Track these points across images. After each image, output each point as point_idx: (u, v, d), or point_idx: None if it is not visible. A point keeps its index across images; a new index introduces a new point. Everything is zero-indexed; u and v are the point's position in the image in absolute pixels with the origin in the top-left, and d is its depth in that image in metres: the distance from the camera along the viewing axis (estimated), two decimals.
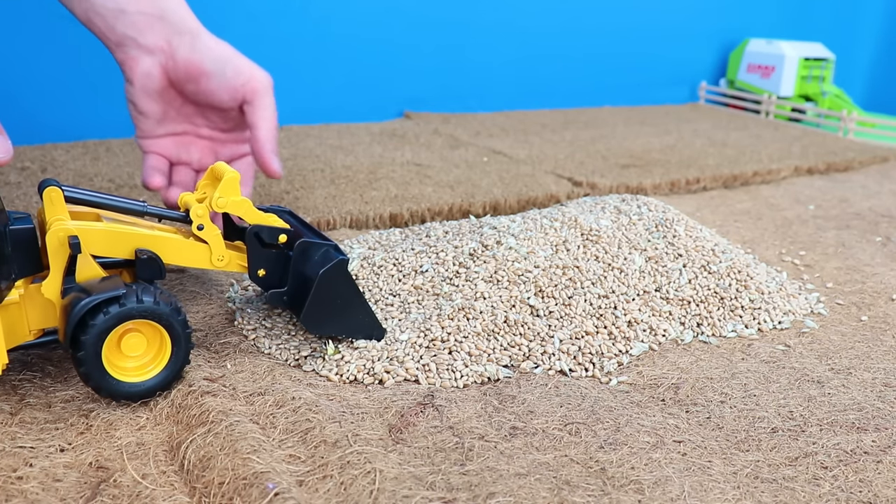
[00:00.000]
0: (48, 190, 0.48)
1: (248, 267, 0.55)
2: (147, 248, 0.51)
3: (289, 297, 0.55)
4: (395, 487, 0.42)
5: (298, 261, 0.55)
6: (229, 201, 0.53)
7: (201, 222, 0.53)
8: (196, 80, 0.62)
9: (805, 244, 0.85)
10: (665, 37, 1.71)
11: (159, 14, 0.62)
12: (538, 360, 0.57)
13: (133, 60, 0.62)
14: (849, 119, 1.45)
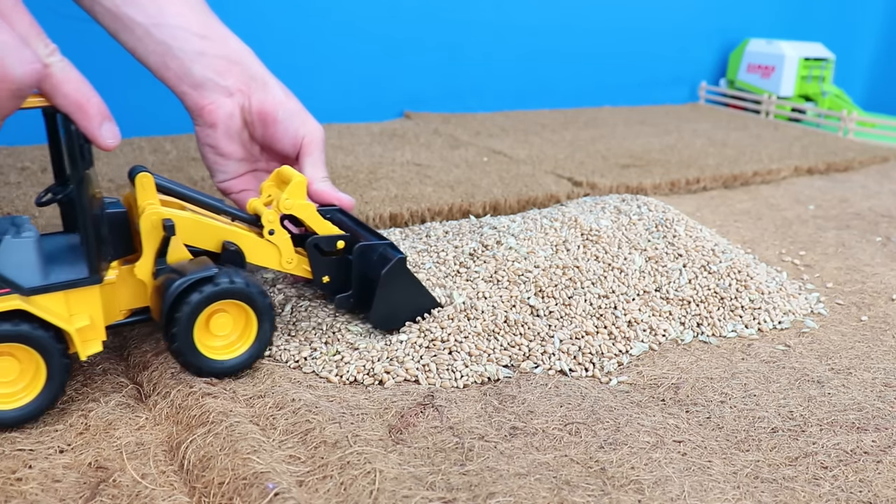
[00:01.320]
0: (140, 175, 0.50)
1: (313, 275, 0.57)
2: (232, 241, 0.54)
3: (355, 299, 0.58)
4: (395, 487, 0.42)
5: (359, 264, 0.57)
6: (295, 204, 0.56)
7: (272, 227, 0.56)
8: (266, 125, 0.65)
9: (805, 244, 0.85)
10: (665, 37, 1.71)
11: (236, 59, 0.65)
12: (538, 360, 0.57)
13: (214, 104, 0.65)
14: (849, 119, 1.45)
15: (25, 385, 0.46)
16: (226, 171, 0.67)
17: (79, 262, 0.48)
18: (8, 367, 0.45)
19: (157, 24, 0.63)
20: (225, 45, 0.65)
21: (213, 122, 0.65)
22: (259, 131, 0.66)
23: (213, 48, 0.64)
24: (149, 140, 1.13)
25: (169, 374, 0.52)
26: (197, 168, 1.00)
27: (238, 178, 0.68)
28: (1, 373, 0.45)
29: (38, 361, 0.46)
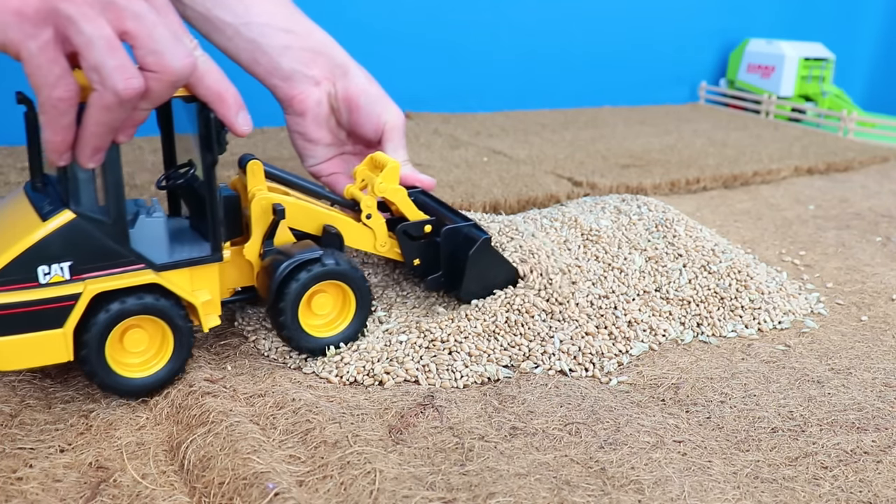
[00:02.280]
0: (251, 163, 0.54)
1: (404, 259, 0.61)
2: (332, 225, 0.57)
3: (445, 279, 0.61)
4: (395, 487, 0.42)
5: (447, 246, 0.60)
6: (389, 188, 0.59)
7: (370, 212, 0.59)
8: (351, 111, 0.69)
9: (805, 244, 0.85)
10: (665, 37, 1.71)
11: (320, 50, 0.69)
12: (538, 360, 0.57)
13: (303, 94, 0.69)
14: (849, 119, 1.45)
15: (153, 355, 0.50)
16: (315, 155, 0.71)
17: (197, 241, 0.52)
18: (138, 338, 0.49)
19: (245, 23, 0.67)
20: (309, 38, 0.69)
21: (302, 110, 0.68)
22: (344, 117, 0.69)
23: (299, 41, 0.68)
24: (149, 140, 1.13)
25: None
26: None
27: (327, 162, 0.71)
28: (132, 344, 0.49)
29: (166, 332, 0.50)
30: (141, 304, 0.48)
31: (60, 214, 0.46)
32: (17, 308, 0.45)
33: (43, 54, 0.42)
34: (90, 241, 0.46)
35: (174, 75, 0.44)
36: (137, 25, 0.43)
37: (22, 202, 0.49)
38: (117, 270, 0.47)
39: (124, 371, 0.49)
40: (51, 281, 0.46)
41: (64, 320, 0.46)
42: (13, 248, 0.45)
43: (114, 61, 0.42)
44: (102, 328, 0.47)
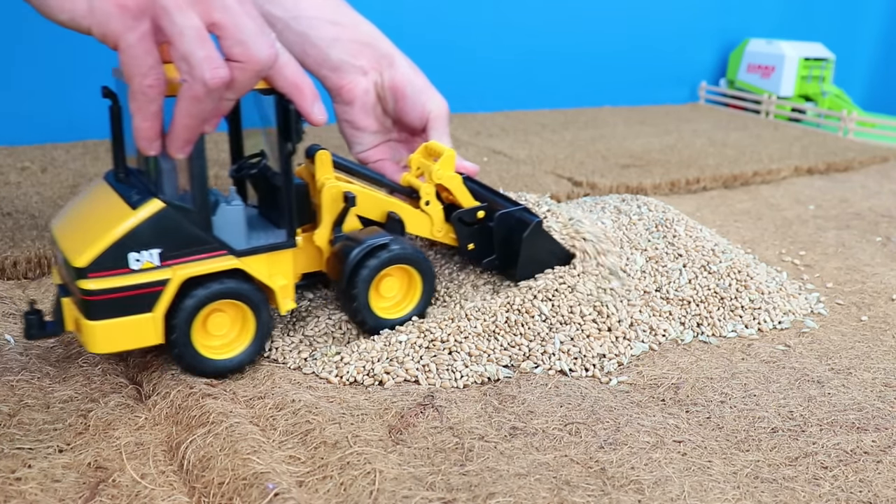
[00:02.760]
0: (320, 153, 0.56)
1: (459, 244, 0.63)
2: (395, 212, 0.60)
3: (499, 261, 0.63)
4: (395, 488, 0.42)
5: (500, 230, 0.62)
6: (445, 175, 0.61)
7: (428, 199, 0.62)
8: (397, 99, 0.71)
9: (805, 244, 0.85)
10: (665, 37, 1.71)
11: (367, 41, 0.71)
12: (538, 360, 0.57)
13: (351, 84, 0.71)
14: (849, 119, 1.45)
15: (235, 337, 0.53)
16: (362, 142, 0.73)
17: (270, 228, 0.54)
18: (220, 322, 0.52)
19: (295, 17, 0.69)
20: (356, 29, 0.71)
21: (350, 99, 0.70)
22: (390, 105, 0.72)
23: (346, 33, 0.70)
24: None
25: (169, 374, 0.52)
26: None
27: (374, 149, 0.73)
28: (215, 327, 0.52)
29: (246, 316, 0.52)
30: (226, 289, 0.50)
31: (149, 203, 0.48)
32: (110, 294, 0.47)
33: (140, 45, 0.44)
34: (177, 228, 0.48)
35: (259, 65, 0.46)
36: (225, 17, 0.45)
37: (107, 192, 0.51)
38: (202, 256, 0.49)
39: (208, 353, 0.51)
40: (142, 267, 0.48)
41: (154, 305, 0.48)
42: (106, 236, 0.47)
43: (202, 51, 0.44)
44: (190, 312, 0.49)
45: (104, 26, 0.44)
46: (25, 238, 0.73)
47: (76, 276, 0.47)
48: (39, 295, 0.65)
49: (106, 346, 0.48)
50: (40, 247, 0.71)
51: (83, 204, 0.52)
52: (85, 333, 0.48)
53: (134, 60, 0.44)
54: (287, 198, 0.53)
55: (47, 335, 0.50)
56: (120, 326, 0.48)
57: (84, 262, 0.46)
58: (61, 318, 0.50)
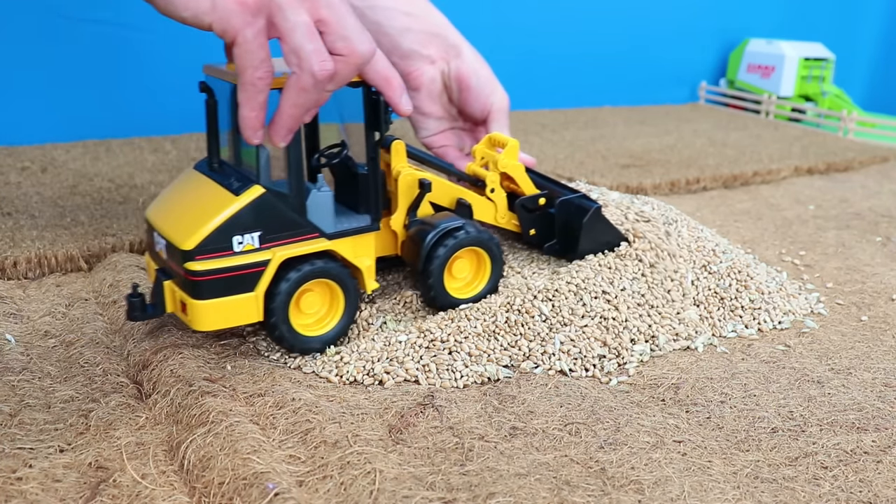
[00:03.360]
0: (395, 143, 0.59)
1: (521, 230, 0.66)
2: (464, 198, 0.63)
3: (560, 246, 0.66)
4: (395, 488, 0.42)
5: (561, 216, 0.66)
6: (509, 164, 0.64)
7: (493, 186, 0.65)
8: (461, 90, 0.74)
9: (805, 244, 0.85)
10: (665, 37, 1.70)
11: (436, 32, 0.74)
12: (538, 360, 0.57)
13: (418, 71, 0.73)
14: (849, 119, 1.45)
15: (324, 315, 0.56)
16: (427, 127, 0.75)
17: (352, 214, 0.57)
18: (311, 300, 0.55)
19: (370, 6, 0.72)
20: (427, 20, 0.74)
21: (417, 86, 0.73)
22: (455, 95, 0.75)
23: (418, 24, 0.73)
24: (149, 140, 1.13)
25: (168, 372, 0.52)
26: None
27: (438, 135, 0.76)
28: (307, 306, 0.55)
29: (336, 294, 0.56)
30: (320, 269, 0.54)
31: (251, 190, 0.51)
32: (215, 274, 0.50)
33: (255, 40, 0.47)
34: (276, 212, 0.52)
35: (360, 59, 0.50)
36: (330, 14, 0.49)
37: (203, 180, 0.54)
38: (297, 239, 0.53)
39: (301, 330, 0.55)
40: (243, 249, 0.51)
41: (255, 284, 0.52)
42: (211, 220, 0.50)
43: (311, 45, 0.48)
44: (289, 290, 0.53)
45: (225, 22, 0.47)
46: (25, 238, 0.73)
47: (183, 258, 0.50)
48: (40, 295, 0.65)
49: (211, 325, 0.51)
50: (40, 247, 0.71)
51: (179, 192, 0.55)
52: (191, 313, 0.51)
53: (249, 54, 0.47)
54: (374, 185, 0.56)
55: (149, 317, 0.54)
56: (224, 305, 0.51)
57: (191, 244, 0.49)
58: (162, 300, 0.53)
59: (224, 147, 0.55)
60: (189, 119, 1.20)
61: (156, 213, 0.55)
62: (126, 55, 1.15)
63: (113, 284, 0.66)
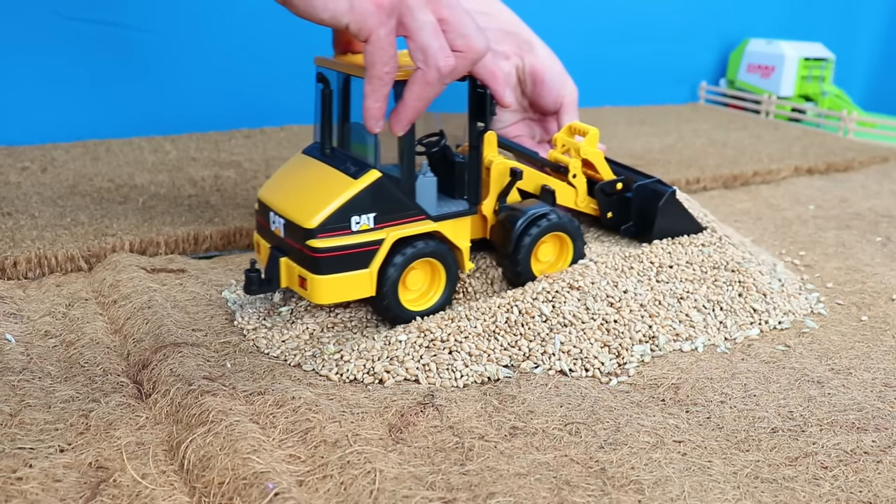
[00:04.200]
0: (487, 133, 0.61)
1: (599, 212, 0.70)
2: (547, 185, 0.66)
3: (635, 228, 0.70)
4: (395, 487, 0.42)
5: (637, 200, 0.69)
6: (590, 151, 0.68)
7: (575, 172, 0.68)
8: (535, 84, 0.77)
9: (805, 244, 0.85)
10: (665, 37, 1.70)
11: (509, 30, 0.78)
12: (538, 360, 0.57)
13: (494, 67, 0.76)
14: (849, 119, 1.45)
15: (427, 289, 0.60)
16: (502, 119, 0.78)
17: (450, 198, 0.61)
18: (416, 277, 0.59)
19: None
20: (500, 19, 0.78)
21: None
22: (529, 88, 0.78)
23: (493, 22, 0.76)
24: (149, 140, 1.13)
25: (168, 371, 0.52)
26: (197, 168, 1.00)
27: (512, 126, 0.79)
28: (412, 282, 0.59)
29: (438, 272, 0.60)
30: (428, 249, 0.58)
31: (369, 174, 0.55)
32: (335, 252, 0.54)
33: (387, 38, 0.51)
34: (389, 195, 0.56)
35: (477, 55, 0.54)
36: (451, 14, 0.53)
37: (318, 165, 0.58)
38: (407, 220, 0.57)
39: (407, 305, 0.59)
40: (360, 229, 0.55)
41: (371, 262, 0.56)
42: (333, 201, 0.54)
43: (437, 43, 0.52)
44: (400, 267, 0.57)
45: (362, 22, 0.51)
46: (25, 238, 0.73)
47: (305, 236, 0.54)
48: (40, 295, 0.65)
49: (328, 298, 0.55)
50: (40, 247, 0.71)
51: (293, 175, 0.59)
52: (311, 287, 0.55)
53: (381, 52, 0.51)
54: (477, 172, 0.61)
55: (264, 291, 0.58)
56: (341, 281, 0.55)
57: (315, 223, 0.54)
58: (277, 275, 0.57)
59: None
60: (189, 119, 1.20)
61: (272, 193, 0.59)
62: (126, 55, 1.15)
63: (113, 284, 0.66)
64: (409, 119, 0.54)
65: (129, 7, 1.13)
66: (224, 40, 1.22)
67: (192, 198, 0.88)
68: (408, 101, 0.53)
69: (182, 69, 1.20)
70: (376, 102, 0.53)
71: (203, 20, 1.20)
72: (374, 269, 0.56)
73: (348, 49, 0.59)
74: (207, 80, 1.22)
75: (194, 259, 0.75)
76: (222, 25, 1.22)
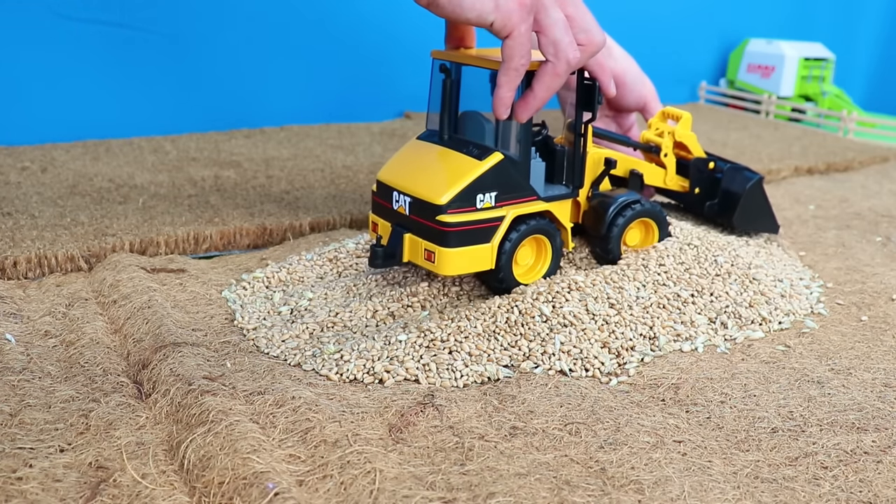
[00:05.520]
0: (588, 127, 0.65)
1: (690, 186, 0.77)
2: (637, 169, 0.72)
3: (718, 207, 0.77)
4: (395, 487, 0.42)
5: (727, 180, 0.76)
6: (684, 133, 0.75)
7: (667, 151, 0.75)
8: (618, 86, 0.80)
9: (805, 244, 0.85)
10: (665, 37, 1.70)
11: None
12: (538, 360, 0.57)
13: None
14: (849, 119, 1.45)
15: (533, 264, 0.65)
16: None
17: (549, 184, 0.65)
18: (524, 252, 0.63)
19: None
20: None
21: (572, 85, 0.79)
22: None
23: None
24: (149, 140, 1.13)
25: (168, 371, 0.52)
26: (197, 168, 1.00)
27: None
28: (521, 257, 0.63)
29: (542, 247, 0.64)
30: (540, 226, 0.62)
31: (493, 156, 0.59)
32: (463, 226, 0.58)
33: (525, 34, 0.55)
34: (509, 176, 0.60)
35: (597, 48, 0.58)
36: (576, 11, 0.57)
37: (438, 149, 0.62)
38: (523, 200, 0.61)
39: (518, 277, 0.63)
40: (483, 206, 0.59)
41: (492, 236, 0.60)
42: (462, 180, 0.58)
43: (567, 38, 0.56)
44: (516, 242, 0.61)
45: (507, 20, 0.54)
46: (25, 238, 0.73)
47: (436, 212, 0.58)
48: (40, 295, 0.65)
49: (455, 269, 0.59)
50: (40, 247, 0.71)
51: (413, 159, 0.63)
52: (439, 259, 0.58)
53: (520, 46, 0.55)
54: (581, 159, 0.65)
55: (388, 265, 0.61)
56: (467, 254, 0.59)
57: (445, 200, 0.57)
58: (401, 250, 0.60)
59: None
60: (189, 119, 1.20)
61: (394, 175, 0.62)
62: (126, 55, 1.15)
63: (113, 284, 0.66)
64: (537, 108, 0.58)
65: (130, 7, 1.13)
66: (224, 40, 1.22)
67: (192, 198, 0.88)
68: (537, 92, 0.57)
69: (182, 69, 1.20)
70: (509, 92, 0.57)
71: (203, 20, 1.20)
72: (495, 243, 0.60)
73: (461, 45, 0.64)
74: (207, 80, 1.22)
75: (194, 259, 0.75)
76: (222, 25, 1.22)
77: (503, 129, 0.60)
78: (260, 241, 0.80)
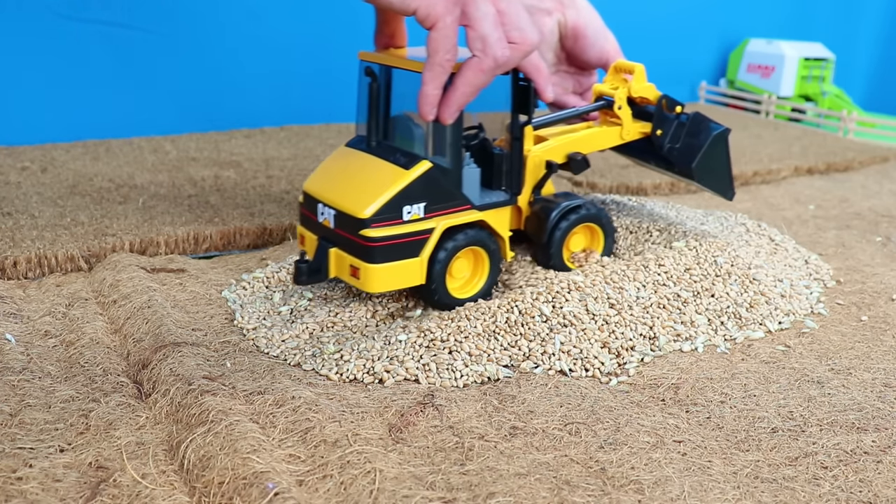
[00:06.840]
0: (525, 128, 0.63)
1: (652, 128, 0.71)
2: (577, 150, 0.68)
3: (678, 152, 0.71)
4: (395, 487, 0.42)
5: (692, 125, 0.71)
6: (641, 87, 0.71)
7: (620, 104, 0.71)
8: (577, 38, 0.78)
9: (805, 244, 0.85)
10: (665, 37, 1.70)
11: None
12: (538, 360, 0.57)
13: (538, 24, 0.77)
14: (849, 119, 1.45)
15: (470, 277, 0.62)
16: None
17: (487, 190, 0.62)
18: (460, 266, 0.60)
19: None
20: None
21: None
22: (570, 43, 0.79)
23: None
24: (149, 140, 1.13)
25: (168, 371, 0.52)
26: (197, 168, 1.00)
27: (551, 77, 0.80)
28: (457, 270, 0.60)
29: (481, 261, 0.61)
30: (475, 237, 0.59)
31: (420, 164, 0.56)
32: (388, 241, 0.55)
33: (451, 27, 0.53)
34: (438, 185, 0.57)
35: (529, 47, 0.55)
36: (508, 6, 0.54)
37: (365, 157, 0.59)
38: (455, 210, 0.58)
39: (453, 292, 0.60)
40: (411, 218, 0.56)
41: (421, 250, 0.57)
42: (386, 192, 0.55)
43: (497, 33, 0.53)
44: (449, 256, 0.58)
45: (431, 8, 0.52)
46: (25, 238, 0.73)
47: (358, 226, 0.55)
48: (40, 295, 0.65)
49: (381, 286, 0.56)
50: (40, 247, 0.71)
51: (339, 167, 0.60)
52: (364, 276, 0.56)
53: (445, 39, 0.52)
54: (518, 164, 0.62)
55: (314, 281, 0.58)
56: (393, 269, 0.56)
57: (369, 213, 0.55)
58: (326, 265, 0.58)
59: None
60: (189, 119, 1.20)
61: (319, 186, 0.59)
62: (126, 55, 1.15)
63: (113, 284, 0.66)
64: (459, 105, 0.55)
65: (129, 7, 1.13)
66: (224, 40, 1.22)
67: (192, 198, 0.88)
68: (458, 87, 0.54)
69: (182, 69, 1.20)
70: (435, 90, 0.54)
71: (203, 20, 1.20)
72: (424, 257, 0.57)
73: (391, 43, 0.61)
74: (207, 80, 1.22)
75: (194, 259, 0.75)
76: (222, 26, 1.22)
77: (433, 134, 0.56)
78: (260, 241, 0.80)
